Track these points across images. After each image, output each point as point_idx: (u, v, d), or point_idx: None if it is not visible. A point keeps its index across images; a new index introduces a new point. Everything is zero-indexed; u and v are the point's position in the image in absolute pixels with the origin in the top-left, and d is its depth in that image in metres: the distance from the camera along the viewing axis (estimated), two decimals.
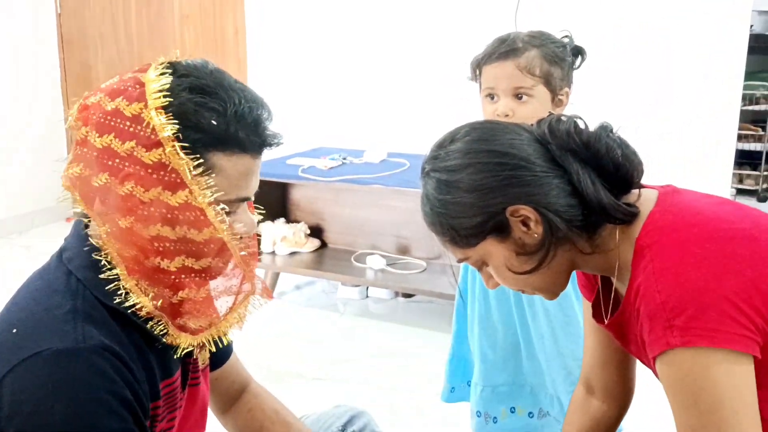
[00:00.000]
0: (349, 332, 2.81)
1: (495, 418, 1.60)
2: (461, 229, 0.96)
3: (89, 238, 0.90)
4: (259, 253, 0.99)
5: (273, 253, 3.08)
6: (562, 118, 0.98)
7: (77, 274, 0.89)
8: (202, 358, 1.06)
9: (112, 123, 0.86)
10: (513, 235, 0.95)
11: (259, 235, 1.01)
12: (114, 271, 0.88)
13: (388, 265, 2.91)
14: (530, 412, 1.61)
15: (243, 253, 0.94)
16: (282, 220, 3.14)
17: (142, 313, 0.88)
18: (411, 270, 2.89)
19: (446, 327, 2.76)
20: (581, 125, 0.96)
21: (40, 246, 3.64)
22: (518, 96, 1.45)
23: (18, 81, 3.93)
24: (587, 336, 1.21)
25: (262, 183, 2.56)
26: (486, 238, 0.96)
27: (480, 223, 0.94)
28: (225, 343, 1.00)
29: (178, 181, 0.85)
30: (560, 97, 1.50)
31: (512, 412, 1.60)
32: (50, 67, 4.10)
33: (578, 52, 1.50)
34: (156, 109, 0.85)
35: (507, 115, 1.44)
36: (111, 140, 0.86)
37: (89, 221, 0.92)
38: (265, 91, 3.77)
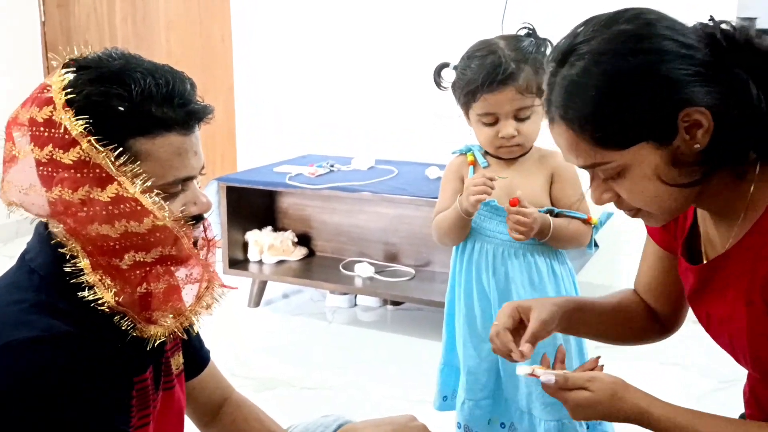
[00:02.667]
0: (337, 341, 2.79)
1: None
2: (622, 126, 0.85)
3: (52, 237, 0.89)
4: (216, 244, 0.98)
5: (260, 261, 3.06)
6: (734, 24, 0.88)
7: (40, 272, 0.89)
8: (176, 363, 1.05)
9: (30, 132, 0.85)
10: (674, 142, 0.85)
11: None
12: (79, 265, 0.87)
13: (376, 272, 2.90)
14: (502, 423, 1.62)
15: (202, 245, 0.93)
16: (269, 228, 3.12)
17: (105, 308, 0.87)
18: (399, 277, 2.88)
19: (435, 335, 2.75)
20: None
21: None
22: (520, 116, 1.47)
23: (2, 90, 3.89)
24: (650, 266, 1.17)
25: (250, 191, 2.53)
26: (643, 141, 0.86)
27: (648, 121, 0.84)
28: (194, 332, 0.98)
29: (104, 175, 0.84)
30: None
31: (489, 423, 1.60)
32: (34, 76, 4.06)
33: (544, 42, 1.52)
34: (63, 108, 0.84)
35: (514, 136, 1.49)
36: (32, 149, 0.85)
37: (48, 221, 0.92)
38: (252, 99, 3.75)
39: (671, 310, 1.18)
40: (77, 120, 0.83)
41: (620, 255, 2.99)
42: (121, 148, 0.84)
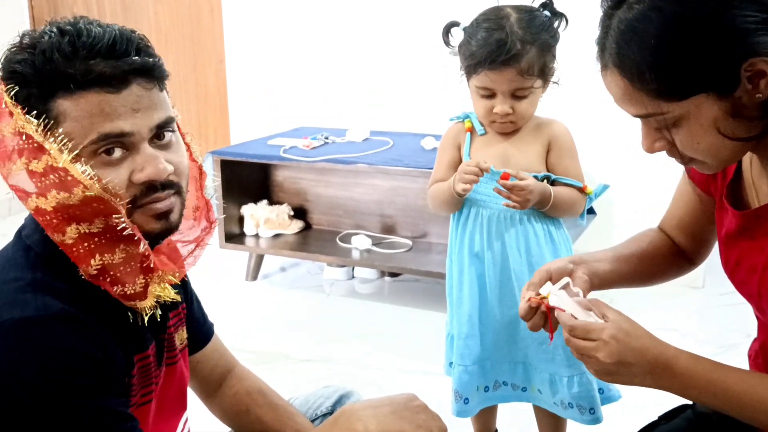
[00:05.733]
0: (335, 313, 2.80)
1: (466, 399, 1.61)
2: (682, 76, 0.81)
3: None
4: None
5: (256, 235, 3.05)
6: None
7: (36, 248, 0.87)
8: (180, 338, 1.04)
9: None
10: (735, 93, 0.82)
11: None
12: (60, 238, 0.86)
13: (373, 244, 2.89)
14: (486, 387, 1.63)
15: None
16: (265, 201, 3.11)
17: (84, 278, 0.86)
18: (396, 249, 2.88)
19: (433, 305, 2.76)
20: None
21: None
22: (517, 95, 1.47)
23: None
24: (685, 203, 1.16)
25: (244, 164, 2.51)
26: (704, 92, 0.82)
27: (710, 72, 0.80)
28: (170, 297, 0.93)
29: (35, 145, 0.82)
30: (550, 80, 1.51)
31: (477, 390, 1.62)
32: None
33: (560, 16, 1.50)
34: (0, 80, 0.84)
35: (508, 114, 1.48)
36: None
37: None
38: (244, 71, 3.67)
39: (699, 246, 1.18)
40: (6, 90, 0.83)
41: (615, 226, 2.99)
42: (45, 112, 0.83)
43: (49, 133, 0.82)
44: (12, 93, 0.82)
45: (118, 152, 0.84)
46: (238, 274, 3.10)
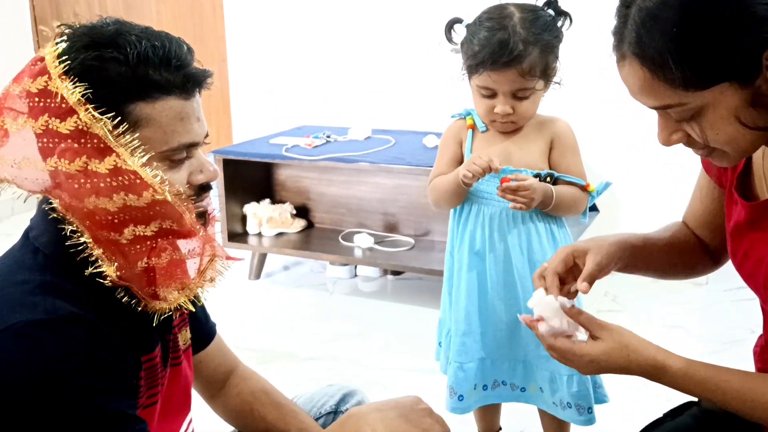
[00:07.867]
0: (338, 311, 2.80)
1: (461, 396, 1.61)
2: (704, 66, 0.80)
3: (52, 212, 0.87)
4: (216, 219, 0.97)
5: (259, 234, 3.05)
6: None
7: (45, 250, 0.87)
8: (183, 338, 1.04)
9: (22, 105, 0.83)
10: (756, 82, 0.81)
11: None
12: (81, 239, 0.85)
13: (376, 243, 2.89)
14: (485, 385, 1.63)
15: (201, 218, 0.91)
16: (267, 200, 3.11)
17: (107, 282, 0.86)
18: (399, 247, 2.88)
19: (436, 303, 2.75)
20: None
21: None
22: (518, 95, 1.47)
23: None
24: (704, 197, 1.14)
25: (247, 164, 2.51)
26: (725, 82, 0.81)
27: (731, 61, 0.79)
28: (200, 303, 0.97)
29: (102, 146, 0.82)
30: (552, 80, 1.51)
31: (474, 388, 1.62)
32: (24, 49, 4.01)
33: (565, 15, 1.49)
34: (59, 76, 0.81)
35: (508, 114, 1.48)
36: (25, 121, 0.83)
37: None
38: (245, 70, 3.67)
39: (722, 241, 1.16)
40: (75, 87, 0.81)
41: (619, 225, 2.99)
42: (120, 115, 0.82)
43: (121, 135, 0.82)
44: (84, 91, 0.81)
45: (181, 155, 0.88)
46: (241, 272, 3.10)
